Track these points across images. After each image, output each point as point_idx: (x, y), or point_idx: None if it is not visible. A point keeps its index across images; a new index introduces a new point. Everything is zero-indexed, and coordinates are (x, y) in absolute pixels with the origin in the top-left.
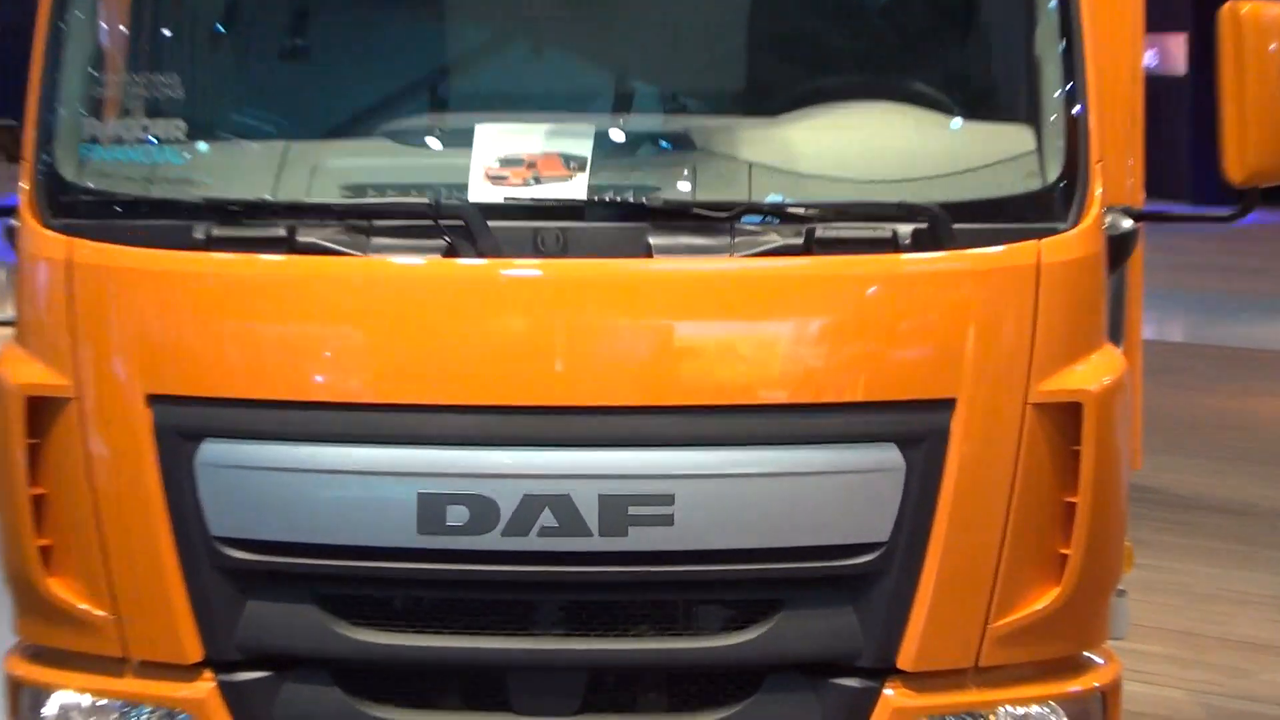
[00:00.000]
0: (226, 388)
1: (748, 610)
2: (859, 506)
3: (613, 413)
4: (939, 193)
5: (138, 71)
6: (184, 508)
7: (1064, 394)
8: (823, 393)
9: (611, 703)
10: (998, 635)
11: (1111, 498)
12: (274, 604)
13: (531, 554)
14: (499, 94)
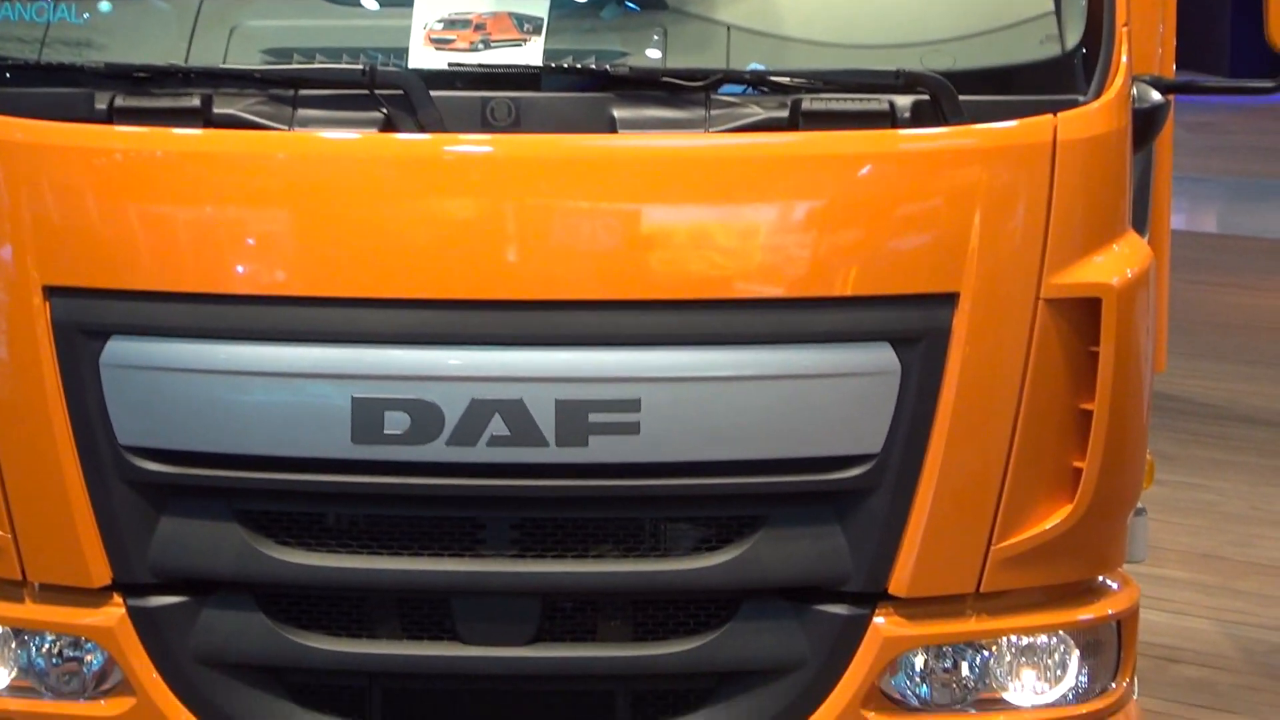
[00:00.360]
0: (134, 279)
1: (723, 529)
2: (848, 414)
3: (572, 308)
4: (943, 60)
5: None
6: (87, 414)
7: (1081, 288)
8: (808, 286)
9: (569, 632)
10: (1002, 558)
11: (1132, 405)
12: (191, 521)
13: (480, 466)
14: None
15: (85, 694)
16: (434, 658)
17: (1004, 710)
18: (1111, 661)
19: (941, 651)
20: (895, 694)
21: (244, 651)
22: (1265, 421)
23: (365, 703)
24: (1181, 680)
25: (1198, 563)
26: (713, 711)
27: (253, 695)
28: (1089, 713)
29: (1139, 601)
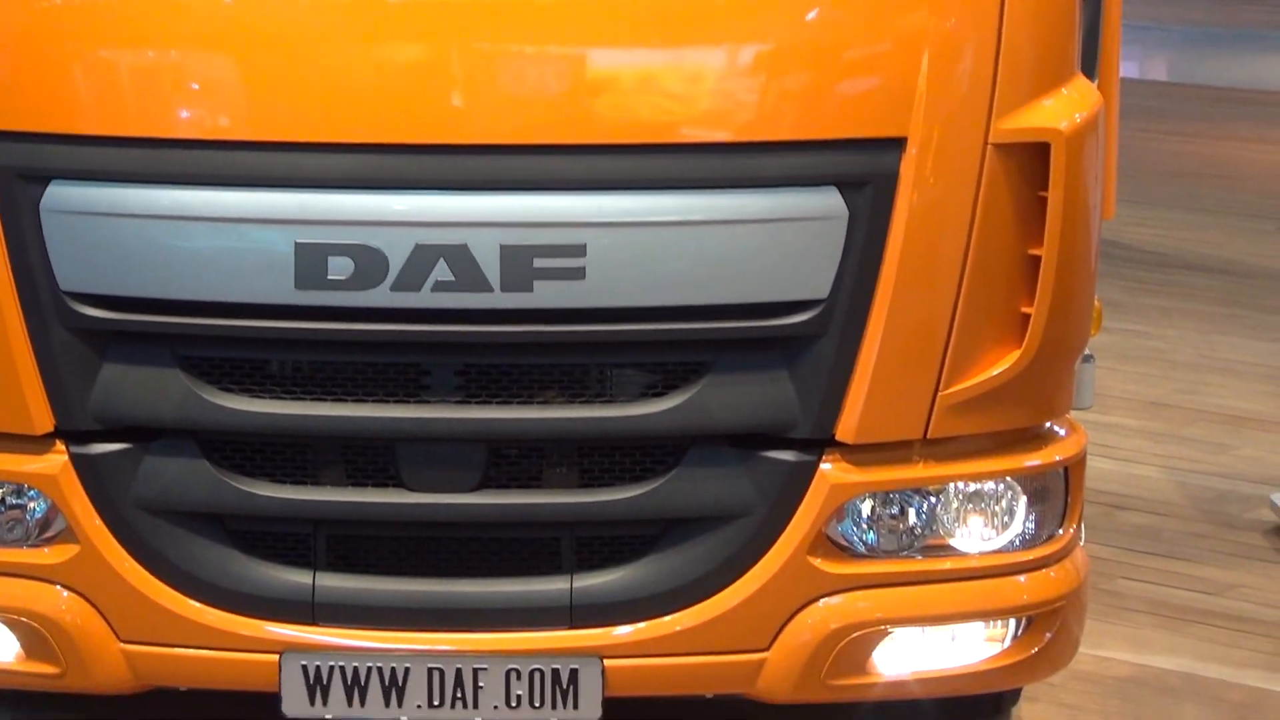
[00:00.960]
0: (75, 123)
1: (669, 375)
2: (795, 259)
3: (517, 152)
4: None
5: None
6: (28, 259)
7: (1030, 132)
8: (755, 130)
9: (514, 479)
10: (949, 404)
11: (1080, 251)
12: (133, 367)
13: (424, 311)
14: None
15: (28, 541)
16: (378, 504)
17: (951, 556)
18: (1059, 508)
19: (888, 498)
20: (842, 540)
21: (187, 498)
22: (1214, 269)
23: (309, 550)
24: (1128, 527)
25: (1146, 410)
26: (658, 558)
27: (196, 542)
28: (1036, 559)
29: (1086, 448)
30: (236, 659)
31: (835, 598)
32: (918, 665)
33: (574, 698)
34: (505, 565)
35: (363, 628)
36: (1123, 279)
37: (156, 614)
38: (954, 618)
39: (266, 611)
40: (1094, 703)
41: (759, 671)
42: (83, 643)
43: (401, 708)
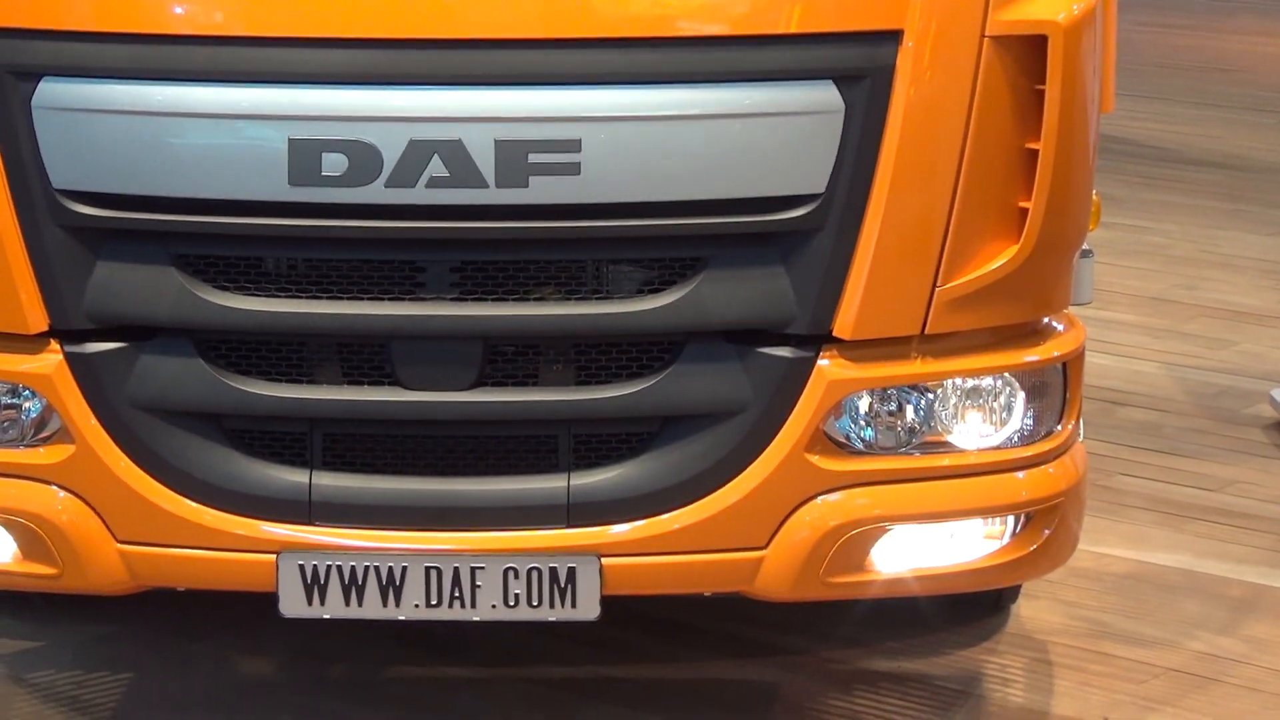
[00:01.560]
0: (66, 17)
1: (665, 271)
2: (791, 153)
3: (511, 46)
4: None
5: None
6: (20, 157)
7: (1026, 25)
8: (751, 23)
9: (511, 376)
10: (947, 299)
11: (1078, 145)
12: (127, 266)
13: (419, 207)
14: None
15: (23, 441)
16: (375, 403)
17: (949, 453)
18: (1057, 404)
19: (886, 394)
20: (839, 437)
21: (183, 397)
22: (1214, 164)
23: (306, 449)
24: (1128, 423)
25: (1145, 305)
26: (655, 455)
27: (192, 441)
28: (1034, 455)
29: (1085, 344)
30: (233, 559)
31: (833, 495)
32: (916, 563)
33: (572, 596)
34: (502, 464)
35: (360, 527)
36: (1122, 173)
37: (153, 514)
38: (952, 515)
39: (263, 511)
40: (1093, 599)
41: (757, 569)
42: (79, 543)
43: (399, 607)
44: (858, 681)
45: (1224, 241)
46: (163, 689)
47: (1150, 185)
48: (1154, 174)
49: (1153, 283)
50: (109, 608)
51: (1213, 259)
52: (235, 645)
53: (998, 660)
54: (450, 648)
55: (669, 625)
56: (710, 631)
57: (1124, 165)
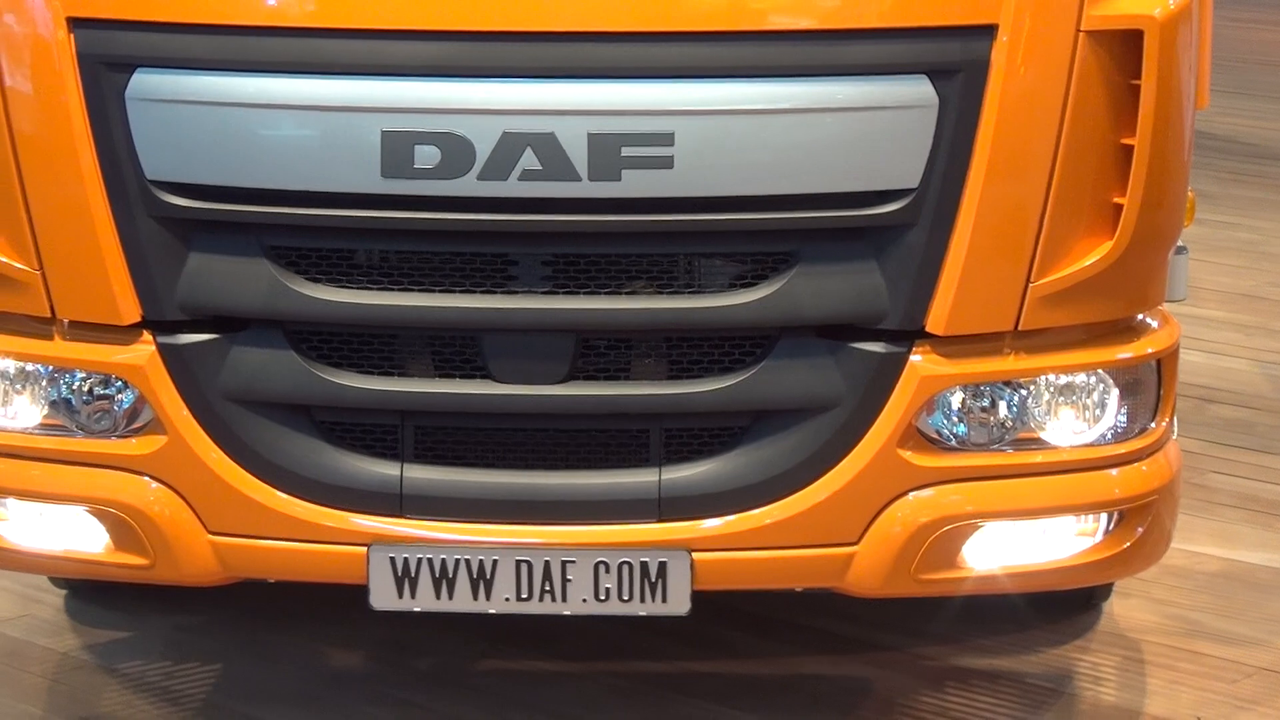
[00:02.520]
0: (160, 9)
1: (758, 265)
2: (885, 147)
3: (606, 39)
4: None
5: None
6: (114, 148)
7: (1122, 19)
8: (845, 17)
9: (602, 370)
10: (1041, 295)
11: (1173, 141)
12: (220, 257)
13: (512, 200)
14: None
15: (116, 432)
16: (467, 395)
17: (1041, 449)
18: (1151, 401)
19: (979, 390)
20: (932, 433)
21: (275, 389)
22: None
23: (397, 441)
24: (1219, 420)
25: (1237, 302)
26: (747, 451)
27: (283, 433)
28: (1128, 452)
29: (1179, 340)
30: (324, 551)
31: (926, 491)
32: (1008, 560)
33: (662, 591)
34: (593, 457)
35: (451, 520)
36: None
37: (244, 505)
38: (1045, 512)
39: (354, 503)
40: (1184, 598)
41: (848, 565)
42: (171, 534)
43: (489, 600)
44: (949, 678)
45: None
46: (252, 680)
47: (1242, 182)
48: (1246, 170)
49: (1244, 279)
50: (199, 599)
51: None
52: (324, 637)
53: (1089, 658)
54: (538, 641)
55: (759, 620)
56: (801, 627)
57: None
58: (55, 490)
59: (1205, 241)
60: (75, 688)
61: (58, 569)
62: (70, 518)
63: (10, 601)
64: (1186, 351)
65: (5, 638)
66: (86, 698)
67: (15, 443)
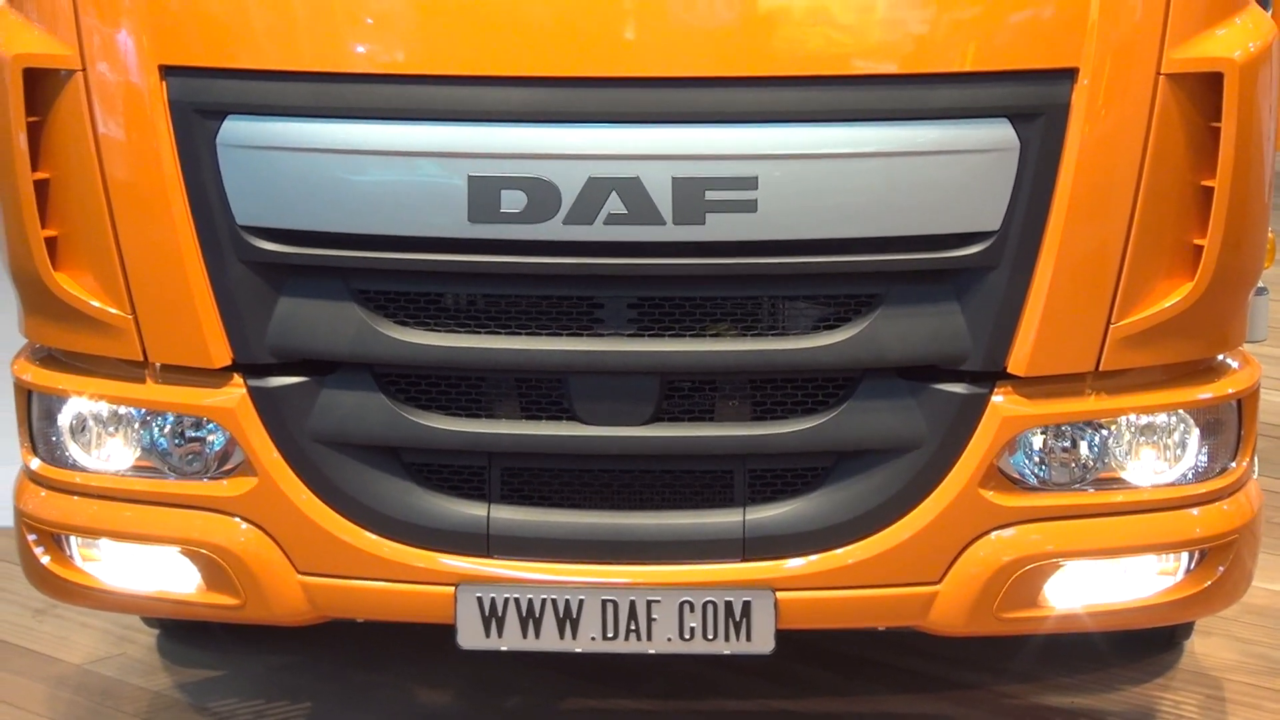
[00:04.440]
0: (251, 57)
1: (840, 307)
2: (966, 190)
3: (689, 84)
4: None
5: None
6: (206, 194)
7: (1203, 63)
8: (927, 61)
9: (687, 411)
10: (1121, 336)
11: (1254, 182)
12: (310, 301)
13: (597, 244)
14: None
15: (207, 474)
16: (553, 437)
17: (1123, 489)
18: (1232, 441)
19: (1060, 431)
20: (1014, 473)
21: (364, 431)
22: None
23: (484, 482)
24: None
25: None
26: (830, 491)
27: (372, 475)
28: (1209, 492)
29: (1259, 381)
30: (412, 591)
31: (1007, 530)
32: (1090, 598)
33: (747, 630)
34: (678, 498)
35: (537, 560)
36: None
37: (333, 546)
38: (1126, 551)
39: (442, 544)
40: (1267, 636)
41: (931, 604)
42: (262, 574)
43: (575, 639)
44: (1030, 717)
45: None
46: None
47: None
48: None
49: None
50: (289, 638)
51: None
52: (413, 676)
53: (1172, 696)
54: (624, 680)
55: (843, 659)
56: (884, 665)
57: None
58: (147, 531)
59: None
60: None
61: (150, 609)
62: (162, 559)
63: (104, 641)
64: (1267, 392)
65: (99, 676)
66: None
67: (108, 485)
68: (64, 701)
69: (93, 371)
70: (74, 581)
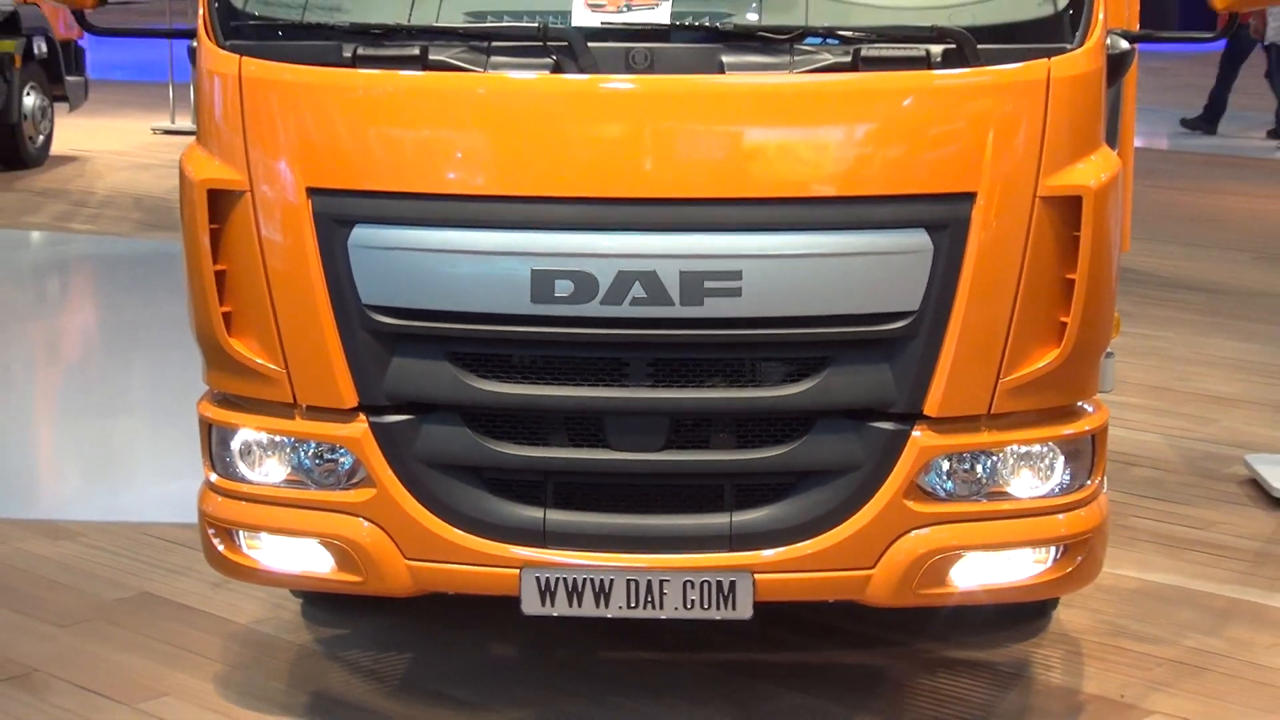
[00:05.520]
0: (373, 182)
1: (802, 366)
2: (894, 281)
3: (691, 203)
4: (966, 17)
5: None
6: (339, 281)
7: (1067, 189)
8: (866, 186)
9: (689, 441)
10: (1007, 388)
11: (1104, 275)
12: (414, 360)
13: (624, 319)
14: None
15: (339, 486)
16: (591, 460)
17: (1008, 500)
18: (1088, 464)
19: (962, 457)
20: (928, 488)
21: (453, 455)
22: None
23: (542, 493)
24: (1137, 479)
25: (1150, 393)
26: (794, 500)
27: (459, 487)
28: (1070, 502)
29: (1108, 420)
30: (488, 572)
31: (923, 530)
32: (983, 580)
33: (733, 601)
34: (683, 505)
35: (579, 550)
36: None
37: (431, 539)
38: (1010, 545)
39: (510, 538)
40: (1111, 608)
41: (867, 583)
42: (378, 559)
43: (607, 608)
44: (940, 666)
45: (1208, 346)
46: (432, 666)
47: (1154, 304)
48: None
49: (1155, 376)
50: (395, 606)
51: (1200, 358)
52: (486, 634)
53: (1042, 651)
54: (642, 637)
55: (803, 622)
56: (833, 627)
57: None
58: (295, 528)
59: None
60: (309, 671)
61: (296, 584)
62: (305, 548)
63: (263, 607)
64: (1114, 428)
65: (259, 633)
66: (317, 677)
67: (266, 493)
68: (233, 652)
69: (256, 410)
70: (241, 564)
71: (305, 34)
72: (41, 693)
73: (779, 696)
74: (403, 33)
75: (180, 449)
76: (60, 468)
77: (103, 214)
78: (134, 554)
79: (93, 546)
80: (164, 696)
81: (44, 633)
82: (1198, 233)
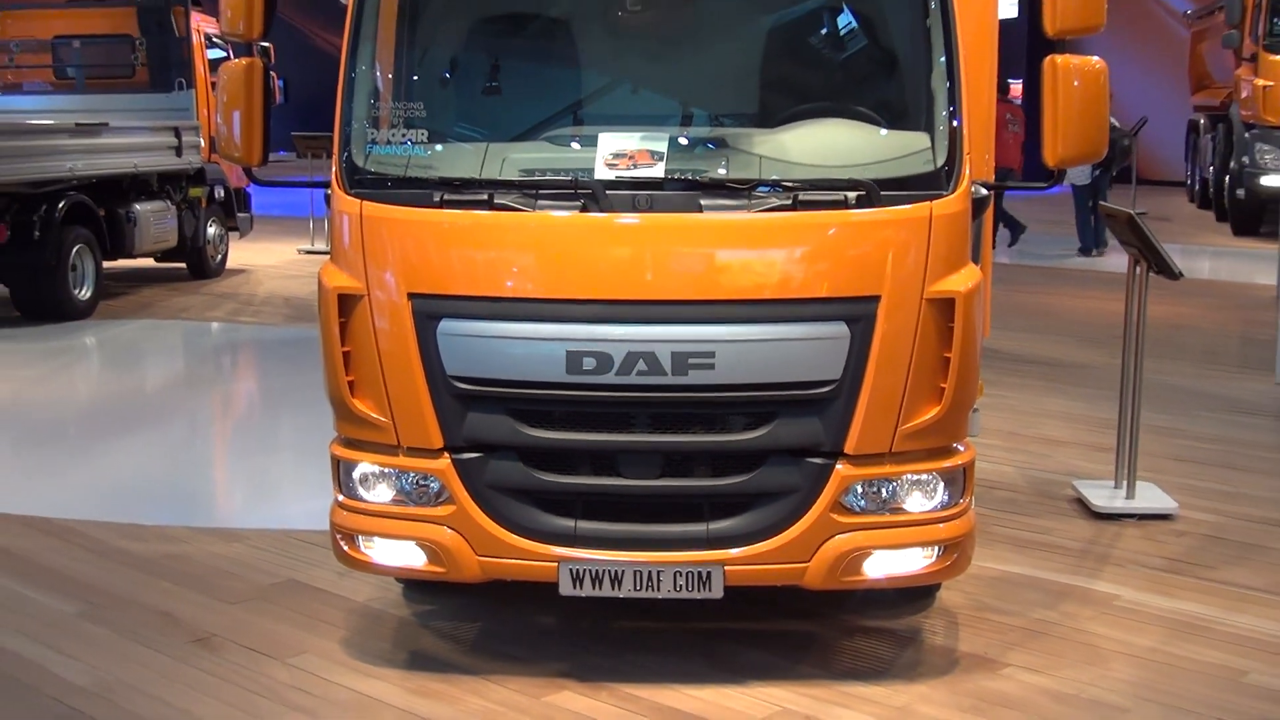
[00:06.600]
0: (455, 288)
1: (758, 418)
2: (821, 358)
3: (679, 303)
4: (874, 173)
5: (398, 102)
6: (431, 358)
7: (944, 293)
8: (803, 291)
9: (678, 471)
10: (904, 433)
11: (971, 354)
12: (484, 414)
13: (632, 385)
14: (613, 115)
15: (430, 504)
16: (609, 485)
17: (904, 514)
18: (961, 488)
19: (872, 483)
20: (847, 505)
21: (511, 482)
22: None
23: (574, 508)
24: (997, 498)
25: (1005, 436)
26: (753, 513)
27: (515, 504)
28: (949, 514)
29: (975, 456)
30: (535, 565)
31: (844, 534)
32: (887, 570)
33: (709, 586)
34: (673, 517)
35: (601, 550)
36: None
37: (495, 542)
38: (906, 545)
39: (551, 540)
40: (978, 590)
41: (805, 572)
42: (458, 556)
43: (620, 591)
44: (857, 631)
45: (1046, 404)
46: (495, 631)
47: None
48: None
49: (1009, 424)
50: (469, 590)
51: (1040, 410)
52: (532, 608)
53: (930, 621)
54: (646, 612)
55: (760, 599)
56: (779, 603)
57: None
58: (399, 533)
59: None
60: (407, 635)
61: (398, 574)
62: (406, 548)
63: (375, 590)
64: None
65: (372, 609)
66: (413, 640)
67: (378, 509)
68: (354, 622)
69: (371, 450)
70: (360, 560)
71: (407, 185)
72: (219, 651)
73: (741, 654)
74: (475, 184)
75: (318, 477)
76: (232, 490)
77: (263, 310)
78: (284, 551)
79: (255, 546)
80: (304, 654)
81: (219, 608)
82: (1038, 323)
